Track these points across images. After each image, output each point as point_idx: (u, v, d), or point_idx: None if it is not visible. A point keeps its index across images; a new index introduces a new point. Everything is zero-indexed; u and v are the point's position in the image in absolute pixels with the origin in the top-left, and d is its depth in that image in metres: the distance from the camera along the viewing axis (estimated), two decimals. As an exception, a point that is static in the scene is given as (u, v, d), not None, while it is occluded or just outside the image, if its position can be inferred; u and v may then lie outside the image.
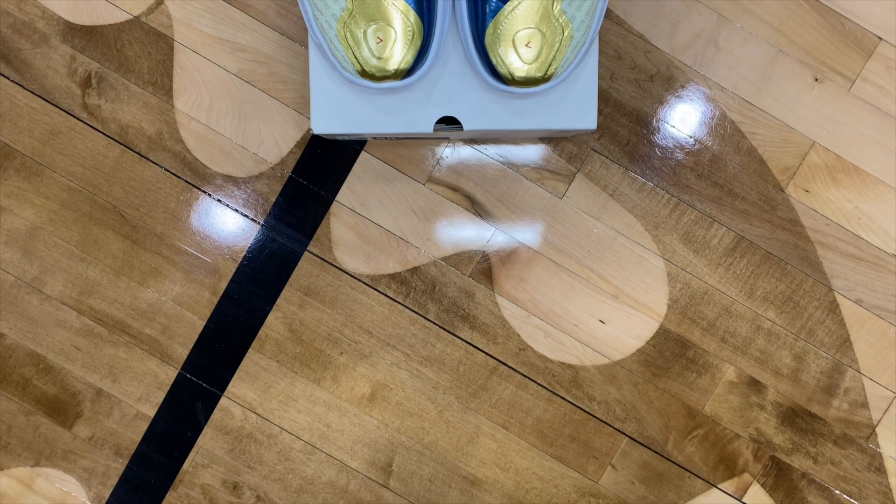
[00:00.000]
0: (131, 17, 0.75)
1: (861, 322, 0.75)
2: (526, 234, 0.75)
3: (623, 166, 0.75)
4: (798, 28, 0.73)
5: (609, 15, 0.73)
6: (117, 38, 0.75)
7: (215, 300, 0.77)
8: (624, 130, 0.74)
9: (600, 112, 0.74)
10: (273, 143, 0.75)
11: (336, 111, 0.61)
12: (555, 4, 0.54)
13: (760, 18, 0.73)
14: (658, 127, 0.74)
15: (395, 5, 0.54)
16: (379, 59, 0.54)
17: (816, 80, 0.74)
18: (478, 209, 0.75)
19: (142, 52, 0.75)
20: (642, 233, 0.75)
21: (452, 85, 0.61)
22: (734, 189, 0.74)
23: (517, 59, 0.55)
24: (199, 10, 0.74)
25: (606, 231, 0.75)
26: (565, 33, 0.54)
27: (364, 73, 0.56)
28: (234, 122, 0.75)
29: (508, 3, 0.54)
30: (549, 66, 0.55)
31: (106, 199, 0.76)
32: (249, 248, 0.76)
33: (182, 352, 0.77)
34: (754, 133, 0.74)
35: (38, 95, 0.75)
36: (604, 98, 0.74)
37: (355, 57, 0.55)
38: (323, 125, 0.62)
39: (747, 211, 0.75)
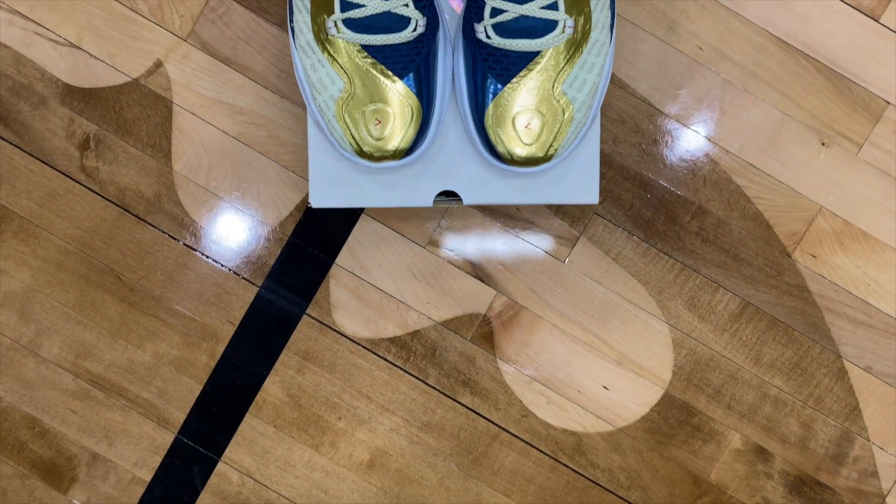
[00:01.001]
0: (130, 79, 0.74)
1: (871, 390, 0.73)
2: (528, 298, 0.74)
3: (626, 230, 0.73)
4: (804, 92, 0.72)
5: (612, 78, 0.72)
6: (116, 100, 0.74)
7: (213, 364, 0.75)
8: (627, 194, 0.73)
9: (603, 175, 0.73)
10: (272, 205, 0.74)
11: (334, 185, 0.61)
12: (555, 86, 0.53)
13: (766, 82, 0.72)
14: (662, 191, 0.73)
15: (394, 87, 0.53)
16: (377, 140, 0.54)
17: (823, 144, 0.72)
18: (479, 272, 0.74)
19: (140, 114, 0.74)
20: (646, 298, 0.74)
21: (452, 158, 0.60)
22: (740, 254, 0.73)
23: (517, 140, 0.54)
24: (197, 73, 0.74)
25: (610, 296, 0.74)
26: (566, 115, 0.53)
27: (362, 154, 0.55)
28: (233, 184, 0.74)
29: (508, 84, 0.53)
30: (550, 146, 0.54)
31: (103, 262, 0.75)
32: (247, 311, 0.75)
33: (179, 416, 0.75)
34: (760, 198, 0.73)
35: (37, 157, 0.75)
36: (606, 162, 0.73)
37: (353, 138, 0.54)
38: (321, 199, 0.61)
39: (753, 276, 0.73)
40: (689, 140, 0.73)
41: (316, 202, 0.61)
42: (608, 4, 0.55)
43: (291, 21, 0.56)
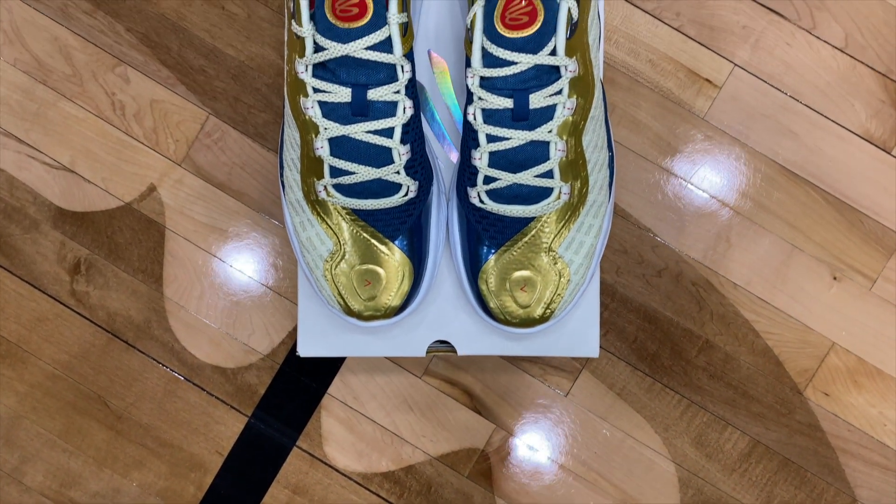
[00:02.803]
0: (123, 203, 0.73)
1: (889, 536, 0.70)
2: (528, 432, 0.71)
3: (631, 364, 0.71)
4: (814, 224, 0.70)
5: (614, 207, 0.70)
6: (108, 224, 0.73)
7: (200, 495, 0.73)
8: (631, 327, 0.71)
9: (606, 307, 0.70)
10: (264, 333, 0.72)
11: (324, 334, 0.59)
12: (551, 250, 0.51)
13: (774, 213, 0.70)
14: (667, 324, 0.70)
15: (385, 249, 0.51)
16: (367, 300, 0.52)
17: (835, 278, 0.70)
18: (477, 405, 0.71)
19: (132, 238, 0.73)
20: (652, 435, 0.71)
21: (446, 309, 0.58)
22: (749, 391, 0.70)
23: (512, 303, 0.51)
24: (191, 198, 0.72)
25: (614, 432, 0.71)
26: (563, 278, 0.51)
27: (351, 313, 0.53)
28: (224, 311, 0.72)
29: (503, 247, 0.51)
30: (547, 308, 0.52)
31: (91, 388, 0.73)
32: (236, 441, 0.73)
33: (164, 550, 0.73)
34: (770, 332, 0.70)
35: (27, 281, 0.73)
36: (609, 293, 0.70)
37: (342, 298, 0.52)
38: (310, 348, 0.59)
39: (763, 414, 0.70)
40: (695, 272, 0.70)
41: (304, 351, 0.59)
42: (606, 163, 0.53)
43: (282, 176, 0.55)
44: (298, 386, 0.72)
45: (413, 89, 0.49)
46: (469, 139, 0.50)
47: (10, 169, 0.73)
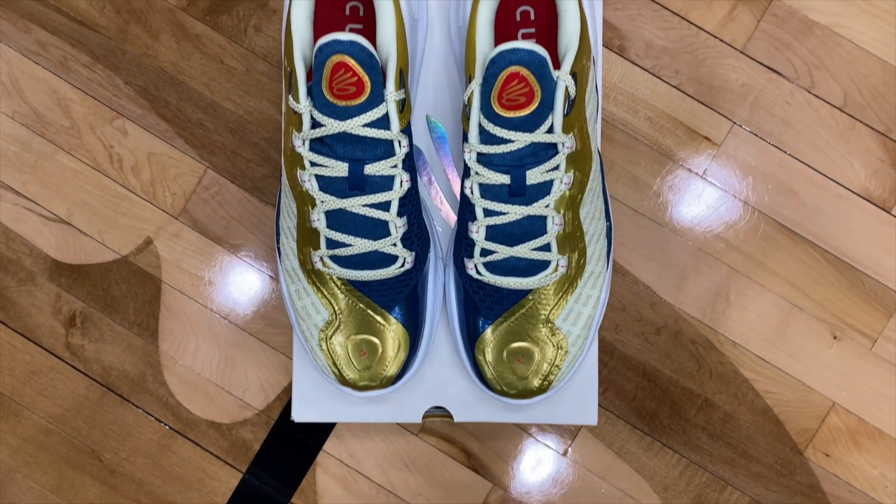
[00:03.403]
0: (119, 256, 0.72)
1: None
2: (526, 491, 0.70)
3: (629, 423, 0.70)
4: (814, 283, 0.69)
5: (613, 264, 0.70)
6: (104, 277, 0.73)
7: (193, 552, 0.72)
8: (630, 385, 0.70)
9: (604, 365, 0.70)
10: (259, 388, 0.72)
11: (318, 399, 0.58)
12: (549, 321, 0.50)
13: (773, 272, 0.70)
14: (666, 382, 0.70)
15: (381, 319, 0.51)
16: (362, 371, 0.51)
17: (835, 337, 0.69)
18: (474, 463, 0.71)
19: (128, 292, 0.72)
20: (650, 494, 0.70)
21: (443, 374, 0.57)
22: (748, 450, 0.69)
23: (510, 374, 0.51)
24: (188, 251, 0.72)
25: (613, 492, 0.70)
26: (561, 349, 0.50)
27: (345, 383, 0.52)
28: (220, 365, 0.72)
29: (500, 318, 0.50)
30: (545, 380, 0.51)
31: (84, 443, 0.72)
32: (230, 498, 0.72)
33: None
34: (769, 392, 0.69)
35: (21, 334, 0.73)
36: (608, 350, 0.70)
37: (337, 367, 0.51)
38: (304, 413, 0.58)
39: (763, 474, 0.69)
40: (694, 329, 0.70)
41: (299, 416, 0.58)
42: (604, 233, 0.53)
43: (278, 242, 0.54)
44: (293, 442, 0.71)
45: (410, 162, 0.49)
46: (466, 211, 0.49)
47: (7, 221, 0.73)
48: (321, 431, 0.71)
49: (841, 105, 0.69)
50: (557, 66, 0.48)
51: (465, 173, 0.49)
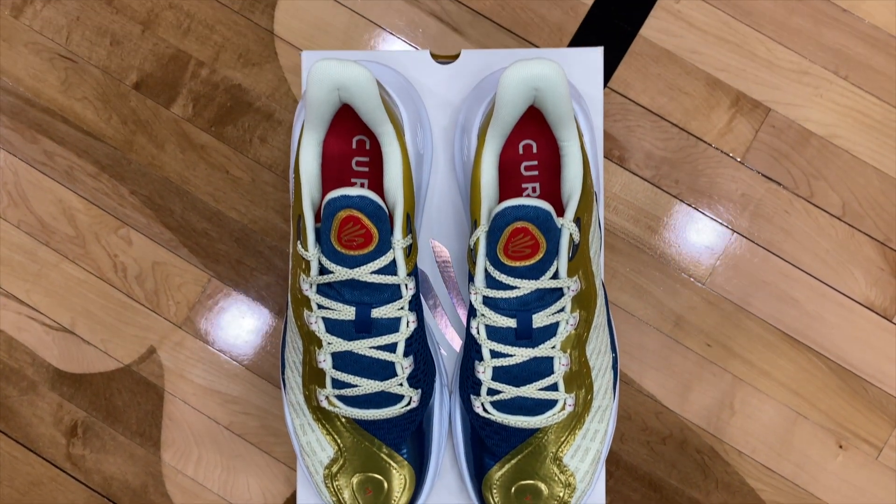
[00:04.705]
0: (122, 365, 0.72)
1: None
2: None
3: (635, 534, 0.69)
4: (818, 392, 0.69)
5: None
6: (106, 386, 0.72)
7: None
8: (636, 495, 0.69)
9: (610, 475, 0.69)
10: (261, 499, 0.71)
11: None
12: (556, 458, 0.50)
13: (777, 381, 0.70)
14: (672, 492, 0.69)
15: (387, 457, 0.50)
16: (367, 509, 0.51)
17: (841, 446, 0.69)
18: (479, 575, 0.70)
19: (131, 401, 0.72)
20: None
21: (450, 487, 0.57)
22: (757, 562, 0.69)
23: (517, 511, 0.51)
24: (191, 360, 0.72)
25: None
26: (570, 486, 0.50)
27: (351, 517, 0.52)
28: (222, 476, 0.71)
29: (507, 454, 0.50)
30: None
31: (83, 555, 0.71)
32: None
33: None
34: (776, 502, 0.69)
35: (22, 444, 0.72)
36: (614, 460, 0.69)
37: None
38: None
39: (772, 587, 0.68)
40: (699, 439, 0.69)
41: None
42: (610, 366, 0.53)
43: (283, 374, 0.54)
44: (296, 554, 0.71)
45: (416, 301, 0.49)
46: (472, 350, 0.49)
47: (10, 330, 0.73)
48: (324, 543, 0.71)
49: (840, 214, 0.70)
50: (560, 207, 0.49)
51: (472, 313, 0.49)
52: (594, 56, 0.59)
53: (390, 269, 0.46)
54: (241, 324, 0.72)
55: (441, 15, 0.73)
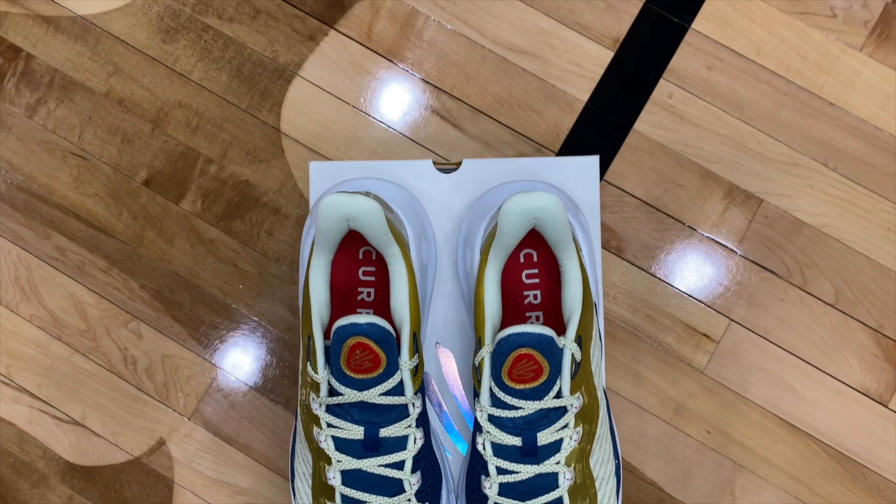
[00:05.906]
0: (132, 457, 0.73)
1: None
2: None
3: None
4: (817, 477, 0.71)
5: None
6: (116, 478, 0.73)
7: None
8: (640, 582, 0.70)
9: (614, 562, 0.70)
10: (271, 590, 0.72)
11: None
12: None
13: (776, 466, 0.71)
14: (676, 580, 0.70)
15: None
16: None
17: (841, 532, 0.70)
18: None
19: (140, 493, 0.73)
20: None
21: None
22: None
23: None
24: (200, 452, 0.73)
25: None
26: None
27: None
28: (231, 567, 0.72)
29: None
30: None
31: None
32: None
33: None
34: (779, 588, 0.70)
35: (32, 537, 0.73)
36: (617, 548, 0.70)
37: None
38: None
39: None
40: (702, 525, 0.70)
41: None
42: (613, 473, 0.54)
43: (293, 481, 0.56)
44: None
45: (424, 417, 0.50)
46: (479, 465, 0.51)
47: (21, 423, 0.74)
48: None
49: (833, 302, 0.72)
50: (561, 317, 0.50)
51: (477, 428, 0.50)
52: (590, 164, 0.61)
53: (398, 389, 0.48)
54: (248, 415, 0.73)
55: (442, 112, 0.75)
